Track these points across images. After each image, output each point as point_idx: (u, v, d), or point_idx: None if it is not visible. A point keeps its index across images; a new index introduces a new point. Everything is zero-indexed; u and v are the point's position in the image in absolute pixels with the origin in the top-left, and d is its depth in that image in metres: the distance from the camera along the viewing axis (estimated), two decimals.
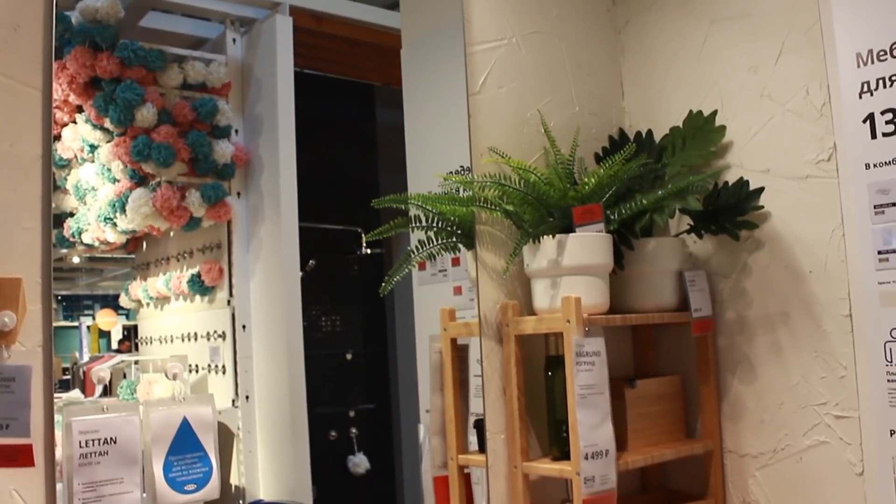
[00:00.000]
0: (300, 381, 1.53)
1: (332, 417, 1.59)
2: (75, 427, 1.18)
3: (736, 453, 1.86)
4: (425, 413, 1.75)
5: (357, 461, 1.58)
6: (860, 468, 1.66)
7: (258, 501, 1.44)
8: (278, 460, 1.44)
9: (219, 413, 1.40)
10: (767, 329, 1.81)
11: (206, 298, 1.59)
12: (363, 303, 1.80)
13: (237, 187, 1.66)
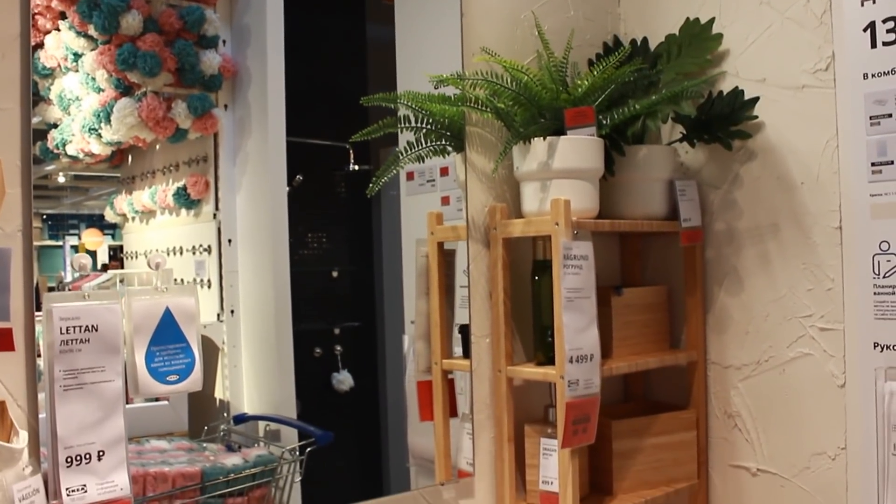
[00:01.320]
0: (285, 297, 1.52)
1: (316, 334, 1.58)
2: (56, 313, 1.17)
3: (719, 365, 1.87)
4: (410, 324, 1.75)
5: (341, 378, 1.58)
6: (842, 380, 1.67)
7: (242, 415, 1.44)
8: (263, 375, 1.43)
9: (204, 327, 1.39)
10: (756, 241, 1.80)
11: (192, 212, 1.57)
12: (350, 221, 1.78)
13: (224, 99, 1.63)
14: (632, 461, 1.74)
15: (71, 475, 1.18)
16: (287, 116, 1.67)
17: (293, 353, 1.51)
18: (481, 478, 1.69)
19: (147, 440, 1.34)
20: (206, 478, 1.36)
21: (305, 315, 1.52)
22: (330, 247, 1.72)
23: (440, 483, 1.64)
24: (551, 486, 1.60)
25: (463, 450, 1.71)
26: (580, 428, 1.52)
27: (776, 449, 1.77)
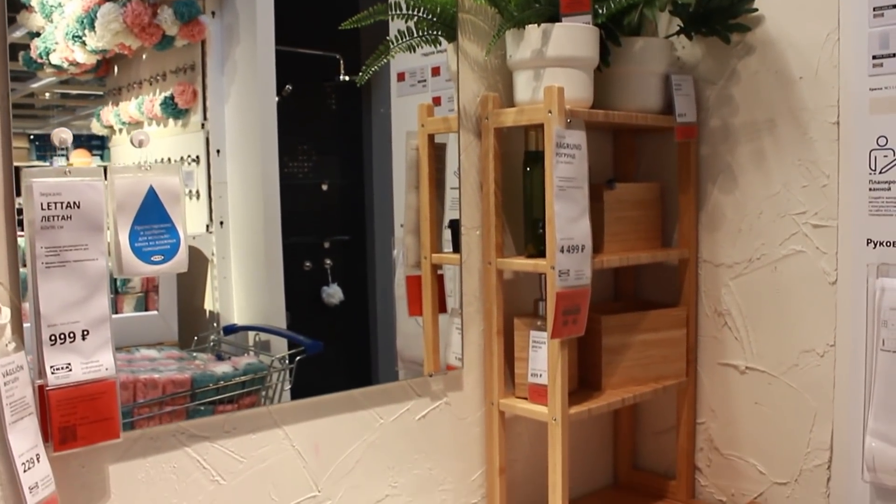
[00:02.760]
0: (275, 209, 1.50)
1: (306, 248, 1.56)
2: (36, 189, 1.14)
3: (711, 263, 1.85)
4: (400, 227, 1.72)
5: (331, 292, 1.57)
6: (833, 277, 1.66)
7: (232, 326, 1.43)
8: (252, 287, 1.42)
9: (192, 238, 1.37)
10: (752, 137, 1.77)
11: (180, 122, 1.53)
12: (340, 133, 1.74)
13: (212, 6, 1.57)
14: (621, 357, 1.74)
15: (55, 354, 1.16)
16: (276, 25, 1.63)
17: (283, 267, 1.50)
18: (470, 370, 1.69)
19: (137, 349, 1.32)
20: (195, 385, 1.35)
21: (295, 228, 1.50)
22: (320, 160, 1.69)
23: (429, 374, 1.63)
24: (540, 378, 1.59)
25: (452, 345, 1.70)
26: (570, 319, 1.51)
27: (765, 347, 1.77)
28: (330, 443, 1.49)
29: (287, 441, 1.44)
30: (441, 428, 1.66)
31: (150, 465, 1.29)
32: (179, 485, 1.32)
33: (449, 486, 1.68)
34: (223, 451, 1.36)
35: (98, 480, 1.25)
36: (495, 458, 1.69)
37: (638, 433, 2.04)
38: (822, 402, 1.69)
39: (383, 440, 1.57)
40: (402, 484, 1.61)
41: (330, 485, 1.50)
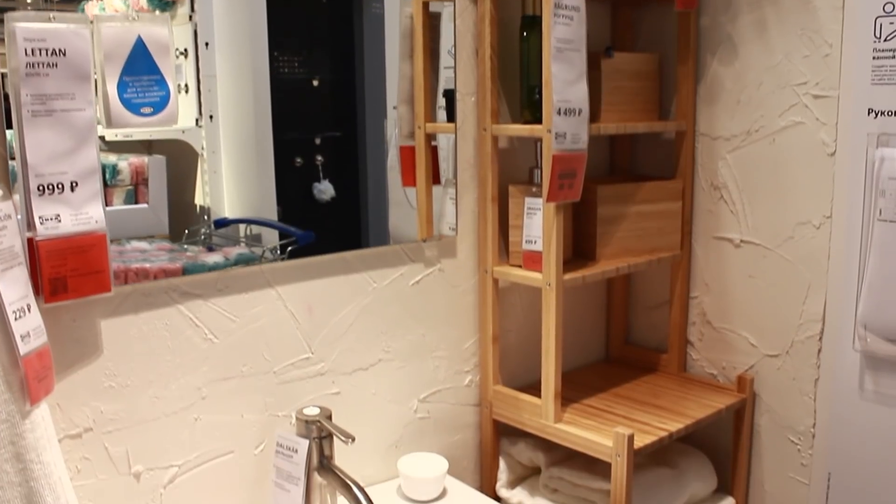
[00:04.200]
0: (265, 102, 1.46)
1: (297, 144, 1.53)
2: (19, 34, 1.10)
3: (708, 136, 1.83)
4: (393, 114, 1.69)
5: (322, 188, 1.54)
6: (833, 148, 1.64)
7: (223, 219, 1.41)
8: (243, 181, 1.40)
9: (182, 132, 1.34)
10: (753, 7, 1.73)
11: (167, 14, 1.48)
12: (332, 27, 1.69)
13: None
14: (615, 227, 1.73)
15: (44, 204, 1.15)
16: None
17: (274, 162, 1.48)
18: (464, 238, 1.68)
19: (128, 241, 1.31)
20: (186, 274, 1.34)
21: (285, 124, 1.47)
22: (311, 54, 1.64)
23: (422, 240, 1.62)
24: (534, 245, 1.59)
25: (446, 215, 1.69)
26: (566, 183, 1.50)
27: (761, 220, 1.76)
28: (323, 305, 1.49)
29: (280, 302, 1.44)
30: (434, 295, 1.66)
31: (142, 321, 1.29)
32: (172, 342, 1.32)
33: (442, 353, 1.69)
34: (216, 310, 1.36)
35: (90, 335, 1.24)
36: (489, 326, 1.70)
37: (631, 308, 2.05)
38: (817, 274, 1.69)
39: (376, 304, 1.57)
40: (395, 349, 1.61)
41: (323, 347, 1.50)
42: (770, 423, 1.80)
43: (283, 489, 1.35)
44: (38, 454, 1.11)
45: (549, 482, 1.68)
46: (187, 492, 1.38)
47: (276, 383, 1.45)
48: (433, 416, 1.70)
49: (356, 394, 1.57)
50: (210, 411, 1.38)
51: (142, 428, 1.31)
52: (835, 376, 1.67)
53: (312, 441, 1.33)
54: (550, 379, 1.58)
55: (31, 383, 1.11)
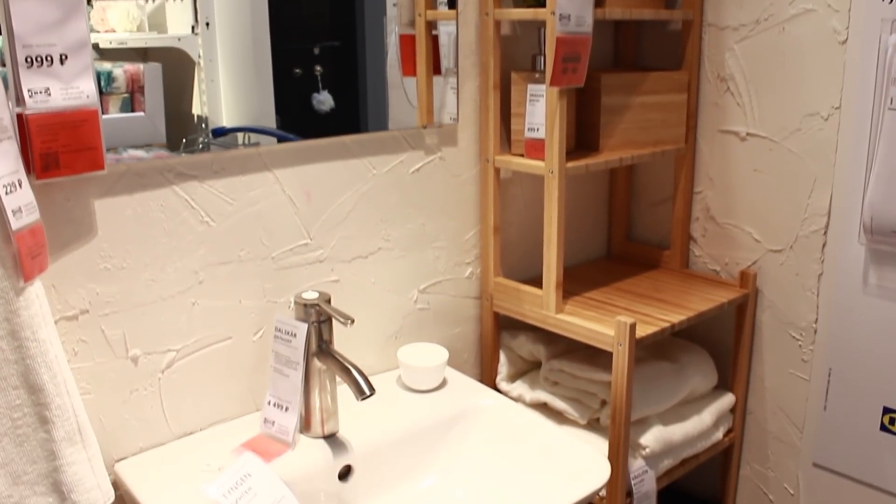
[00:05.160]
0: (262, 10, 1.40)
1: (295, 53, 1.47)
2: None
3: (716, 25, 1.78)
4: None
5: (322, 99, 1.49)
6: (844, 36, 1.59)
7: (221, 128, 1.37)
8: (241, 90, 1.35)
9: (178, 40, 1.29)
10: None
11: None
12: None
13: None
14: (619, 118, 1.70)
15: (32, 77, 1.11)
16: None
17: (272, 70, 1.43)
18: (465, 126, 1.65)
19: (124, 150, 1.27)
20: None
21: (283, 33, 1.42)
22: None
23: (422, 126, 1.58)
24: (537, 132, 1.55)
25: (447, 105, 1.65)
26: (570, 67, 1.46)
27: (767, 112, 1.72)
28: (321, 190, 1.46)
29: (278, 185, 1.41)
30: (435, 184, 1.63)
31: (137, 202, 1.26)
32: (168, 224, 1.30)
33: (442, 244, 1.67)
34: (212, 192, 1.33)
35: (84, 216, 1.22)
36: (490, 216, 1.67)
37: (633, 204, 2.02)
38: (823, 167, 1.66)
39: (376, 191, 1.54)
40: (395, 238, 1.59)
41: (322, 234, 1.48)
42: (772, 319, 1.79)
43: (282, 374, 1.33)
44: (34, 332, 1.10)
45: (549, 375, 1.68)
46: (185, 377, 1.37)
47: (275, 269, 1.43)
48: (433, 308, 1.68)
49: (355, 282, 1.55)
50: (207, 296, 1.36)
51: (138, 311, 1.29)
52: (839, 271, 1.66)
53: (311, 325, 1.31)
54: (552, 269, 1.56)
55: (24, 260, 1.08)
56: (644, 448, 1.59)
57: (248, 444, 1.34)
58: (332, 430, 1.39)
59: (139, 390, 1.32)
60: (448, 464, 1.45)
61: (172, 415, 1.37)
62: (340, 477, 1.37)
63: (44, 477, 1.11)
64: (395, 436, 1.42)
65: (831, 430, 1.73)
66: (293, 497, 1.25)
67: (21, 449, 1.10)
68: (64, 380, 1.13)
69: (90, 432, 1.16)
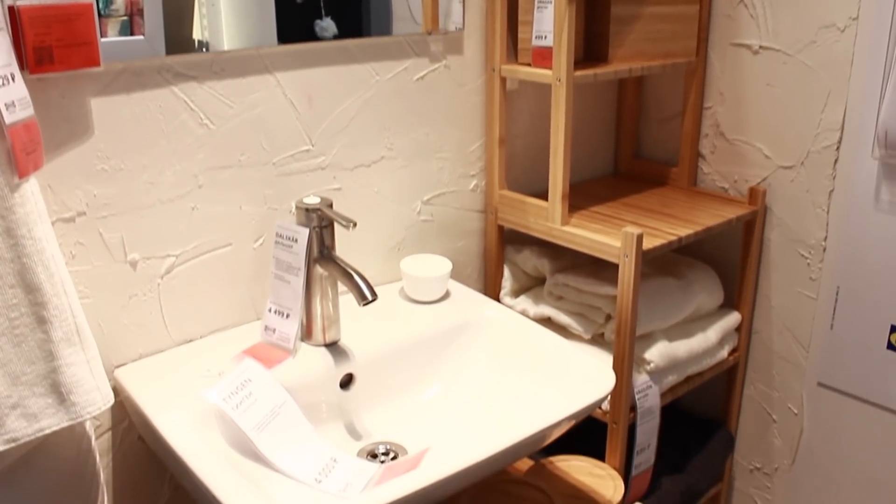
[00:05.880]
0: None
1: None
2: None
3: None
4: None
5: (325, 25, 1.44)
6: None
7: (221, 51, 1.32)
8: (242, 16, 1.30)
9: None
10: None
11: None
12: None
13: None
14: (629, 28, 1.65)
15: None
16: None
17: None
18: (471, 34, 1.61)
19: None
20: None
21: None
22: None
23: (427, 32, 1.54)
24: (545, 40, 1.51)
25: (451, 15, 1.60)
26: None
27: (782, 24, 1.68)
28: (323, 95, 1.43)
29: (279, 89, 1.37)
30: (439, 93, 1.59)
31: (134, 102, 1.23)
32: (167, 126, 1.27)
33: (446, 155, 1.63)
34: (212, 94, 1.30)
35: (80, 115, 1.19)
36: (495, 127, 1.64)
37: (641, 121, 1.98)
38: (838, 81, 1.61)
39: (379, 98, 1.50)
40: (399, 147, 1.56)
41: (324, 140, 1.45)
42: (780, 237, 1.76)
43: (283, 280, 1.32)
44: (30, 229, 1.07)
45: (553, 289, 1.66)
46: (185, 283, 1.35)
47: (276, 175, 1.40)
48: (436, 220, 1.66)
49: (358, 191, 1.52)
50: (207, 201, 1.34)
51: (137, 214, 1.27)
52: (850, 187, 1.63)
53: (313, 230, 1.29)
54: (558, 179, 1.53)
55: (18, 155, 1.06)
56: (648, 363, 1.58)
57: (249, 351, 1.33)
58: (333, 338, 1.37)
59: (138, 295, 1.30)
60: (452, 374, 1.44)
61: (172, 321, 1.35)
62: (342, 385, 1.36)
63: (42, 378, 1.10)
64: (397, 345, 1.41)
65: (837, 349, 1.72)
66: (294, 403, 1.25)
67: (19, 349, 1.08)
68: (61, 279, 1.11)
69: (88, 334, 1.14)
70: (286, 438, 1.22)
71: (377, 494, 1.02)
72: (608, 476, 1.56)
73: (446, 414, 1.39)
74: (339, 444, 1.32)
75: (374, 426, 1.37)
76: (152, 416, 1.18)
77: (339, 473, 1.22)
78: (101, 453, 1.32)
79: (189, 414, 1.18)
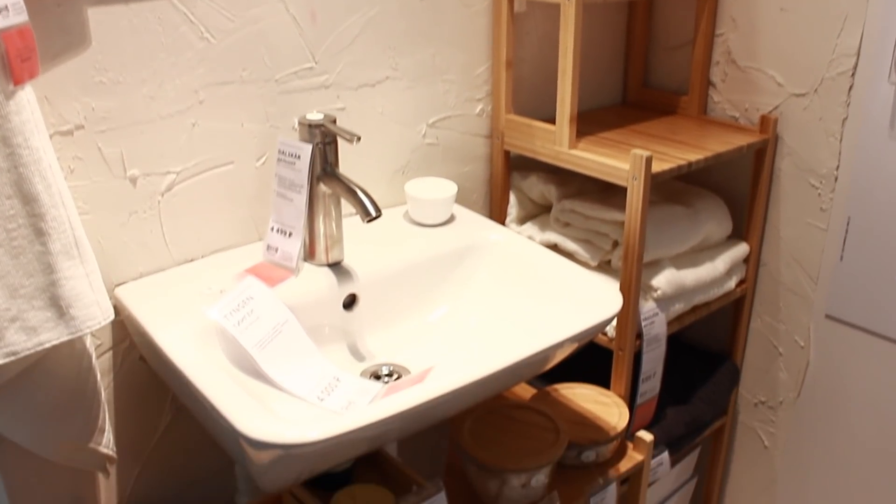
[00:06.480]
0: None
1: None
2: None
3: None
4: None
5: None
6: None
7: None
8: None
9: None
10: None
11: None
12: None
13: None
14: None
15: None
16: None
17: None
18: None
19: None
20: None
21: None
22: None
23: None
24: None
25: None
26: None
27: None
28: (327, 11, 1.39)
29: (281, 4, 1.34)
30: (445, 13, 1.55)
31: (133, 13, 1.20)
32: (166, 38, 1.23)
33: (452, 77, 1.60)
34: (212, 7, 1.27)
35: (76, 24, 1.15)
36: (502, 50, 1.60)
37: (651, 49, 1.94)
38: (855, 4, 1.57)
39: (384, 17, 1.47)
40: (404, 67, 1.52)
41: (327, 58, 1.42)
42: (791, 167, 1.73)
43: (286, 198, 1.29)
44: (26, 139, 1.05)
45: (560, 216, 1.63)
46: (186, 201, 1.33)
47: (278, 92, 1.37)
48: (442, 144, 1.63)
49: (362, 111, 1.49)
50: (208, 117, 1.31)
51: (136, 129, 1.24)
52: (865, 114, 1.59)
53: (316, 146, 1.26)
54: (566, 102, 1.50)
55: (12, 61, 1.03)
56: (655, 290, 1.56)
57: (251, 270, 1.31)
58: (336, 258, 1.35)
59: (138, 213, 1.28)
60: (457, 296, 1.42)
61: (173, 240, 1.33)
62: (345, 306, 1.34)
63: (41, 291, 1.08)
64: (401, 266, 1.39)
65: (846, 281, 1.70)
66: (296, 321, 1.23)
67: (17, 261, 1.06)
68: (59, 191, 1.09)
69: (88, 248, 1.12)
70: (288, 357, 1.21)
71: (381, 406, 1.00)
72: (613, 404, 1.55)
73: (451, 336, 1.37)
74: (341, 365, 1.30)
75: (377, 348, 1.35)
76: (153, 333, 1.16)
77: (342, 392, 1.21)
78: (102, 373, 1.31)
79: (190, 331, 1.17)
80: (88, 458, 1.27)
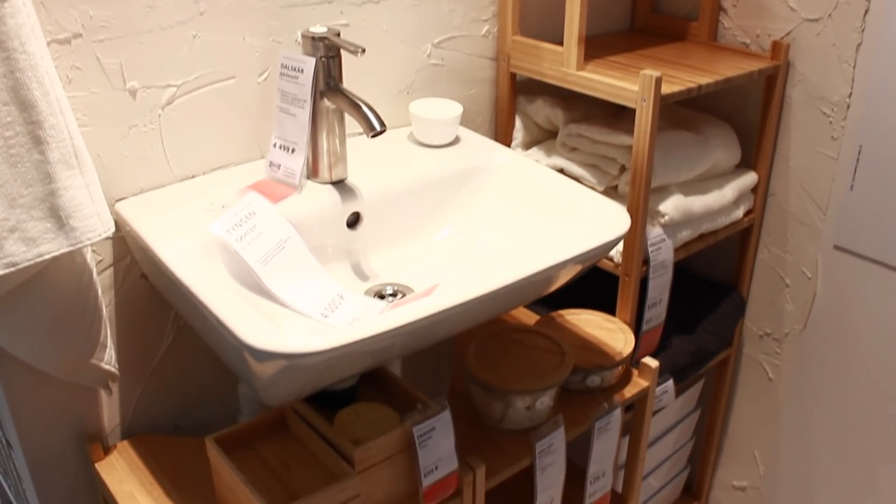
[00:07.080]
0: None
1: None
2: None
3: None
4: None
5: None
6: None
7: None
8: None
9: None
10: None
11: None
12: None
13: None
14: None
15: None
16: None
17: None
18: None
19: None
20: None
21: None
22: None
23: None
24: None
25: None
26: None
27: None
28: None
29: None
30: None
31: None
32: None
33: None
34: None
35: None
36: None
37: None
38: None
39: None
40: None
41: None
42: (802, 95, 1.70)
43: (288, 114, 1.27)
44: (22, 42, 1.02)
45: (566, 140, 1.61)
46: (187, 115, 1.30)
47: (280, 6, 1.34)
48: (447, 65, 1.59)
49: (366, 28, 1.45)
50: (209, 29, 1.27)
51: (135, 40, 1.21)
52: (881, 39, 1.56)
53: (319, 60, 1.23)
54: (574, 21, 1.46)
55: None
56: (663, 215, 1.54)
57: (254, 186, 1.29)
58: (340, 176, 1.33)
59: (138, 126, 1.25)
60: (462, 217, 1.40)
61: (174, 155, 1.31)
62: (349, 225, 1.32)
63: (40, 201, 1.06)
64: (406, 185, 1.37)
65: (856, 211, 1.67)
66: (299, 238, 1.21)
67: (15, 170, 1.04)
68: (57, 99, 1.06)
69: (87, 158, 1.10)
70: (291, 273, 1.19)
71: (387, 318, 0.99)
72: (619, 329, 1.54)
73: (456, 256, 1.36)
74: (345, 285, 1.29)
75: (381, 268, 1.34)
76: (155, 247, 1.14)
77: (346, 309, 1.20)
78: (103, 290, 1.29)
79: (192, 245, 1.15)
80: (90, 374, 1.26)
